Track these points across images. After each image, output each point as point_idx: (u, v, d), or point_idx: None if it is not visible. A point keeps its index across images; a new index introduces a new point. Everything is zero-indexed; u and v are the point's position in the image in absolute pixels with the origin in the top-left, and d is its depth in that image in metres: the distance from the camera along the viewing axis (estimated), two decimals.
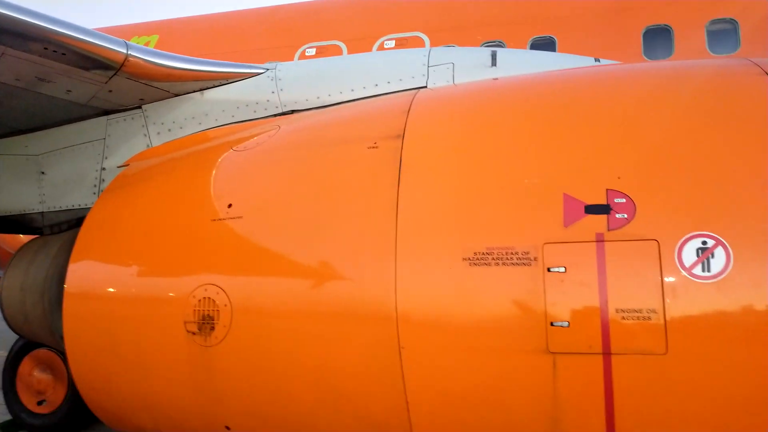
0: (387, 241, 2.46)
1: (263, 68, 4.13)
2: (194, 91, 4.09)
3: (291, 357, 2.61)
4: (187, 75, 4.01)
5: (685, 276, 2.08)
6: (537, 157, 2.45)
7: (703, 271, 2.07)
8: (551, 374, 2.17)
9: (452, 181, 2.50)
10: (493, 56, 3.69)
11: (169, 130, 4.06)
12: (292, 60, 8.95)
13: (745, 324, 2.02)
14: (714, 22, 8.77)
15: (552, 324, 2.17)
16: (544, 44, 9.07)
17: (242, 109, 4.06)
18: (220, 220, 2.90)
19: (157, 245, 3.01)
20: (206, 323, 2.73)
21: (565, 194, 2.28)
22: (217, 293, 2.73)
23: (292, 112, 4.00)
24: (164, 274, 2.96)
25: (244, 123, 3.93)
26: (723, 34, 8.65)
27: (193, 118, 4.10)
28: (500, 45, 8.46)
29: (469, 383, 2.29)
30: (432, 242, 2.40)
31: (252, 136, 3.43)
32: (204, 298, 2.75)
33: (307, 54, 9.07)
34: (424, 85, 3.71)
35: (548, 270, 2.20)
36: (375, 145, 2.74)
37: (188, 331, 2.76)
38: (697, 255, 2.08)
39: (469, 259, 2.31)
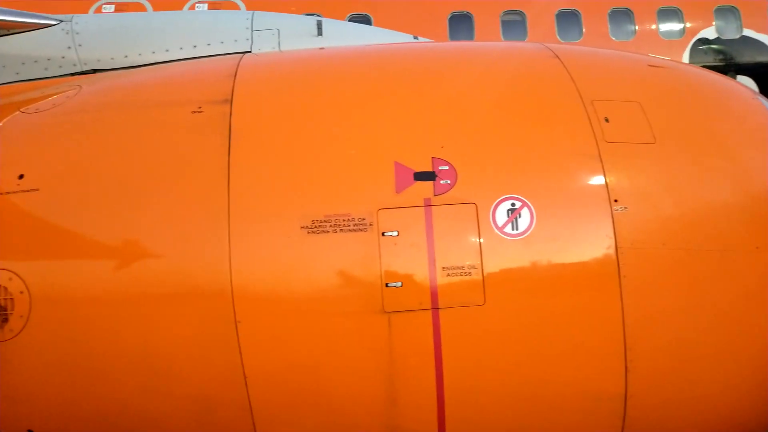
0: (219, 212, 2.33)
1: (56, 19, 3.57)
2: None
3: (108, 344, 2.35)
4: None
5: (498, 234, 2.33)
6: (369, 126, 2.52)
7: (513, 229, 2.34)
8: (387, 333, 2.29)
9: (287, 149, 2.46)
10: (319, 26, 3.68)
11: None
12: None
13: (547, 274, 2.35)
14: (507, 12, 9.85)
15: (387, 285, 2.28)
16: (360, 20, 9.30)
17: (30, 66, 3.48)
18: (8, 193, 2.47)
19: None
20: None
21: (396, 162, 2.39)
22: (10, 279, 2.35)
23: (95, 71, 3.55)
24: None
25: (34, 81, 3.37)
26: (515, 24, 9.78)
27: None
28: (318, 17, 8.46)
29: (310, 351, 2.31)
30: (269, 212, 2.35)
31: (45, 96, 2.96)
32: None
33: (104, 11, 8.07)
34: (248, 50, 3.55)
35: (383, 234, 2.30)
36: (200, 110, 2.56)
37: None
38: (508, 215, 2.35)
39: (308, 227, 2.30)
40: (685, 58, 9.66)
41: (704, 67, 9.61)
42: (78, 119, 2.73)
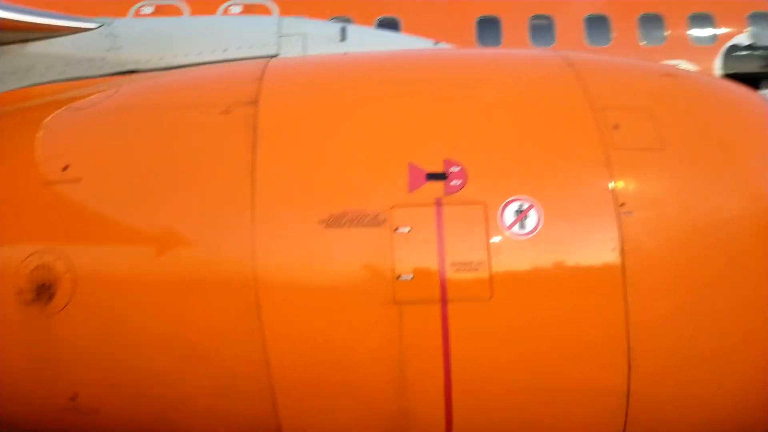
0: (244, 205, 2.50)
1: (97, 23, 3.82)
2: (13, 43, 3.65)
3: (142, 323, 2.55)
4: (3, 23, 3.56)
5: (505, 233, 2.44)
6: (385, 129, 2.66)
7: (520, 229, 2.45)
8: (398, 322, 2.42)
9: (308, 148, 2.61)
10: (343, 31, 3.84)
11: None
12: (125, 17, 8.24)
13: (552, 272, 2.45)
14: (535, 17, 9.89)
15: (399, 277, 2.41)
16: (389, 23, 9.47)
17: (73, 66, 3.73)
18: (55, 182, 2.69)
19: None
20: (44, 291, 2.55)
21: (410, 163, 2.52)
22: (56, 260, 2.56)
23: (132, 72, 3.77)
24: None
25: (76, 81, 3.62)
26: (543, 28, 9.81)
27: (13, 72, 3.67)
28: (348, 21, 8.66)
29: (326, 336, 2.46)
30: (290, 206, 2.50)
31: (88, 95, 3.19)
32: (39, 265, 2.56)
33: (142, 12, 8.41)
34: (276, 54, 3.74)
35: (395, 230, 2.43)
36: (228, 111, 2.74)
37: (22, 301, 2.56)
38: (515, 215, 2.46)
39: (325, 221, 2.45)
40: (717, 64, 9.56)
41: (736, 74, 9.50)
42: (116, 117, 2.94)
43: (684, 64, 9.33)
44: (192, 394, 2.57)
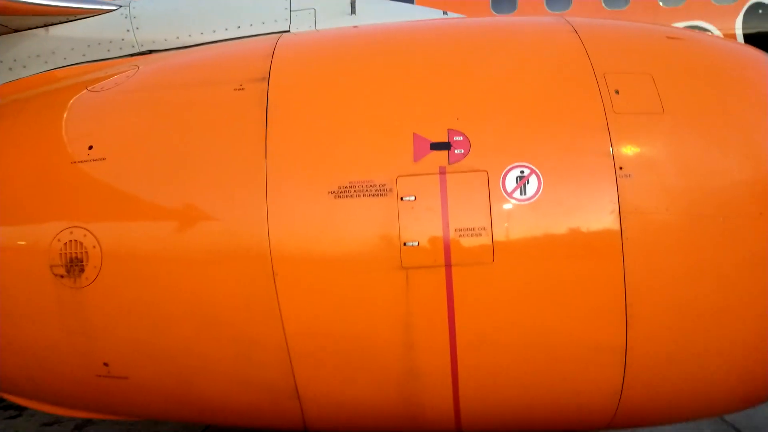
0: (258, 179, 2.64)
1: (115, 5, 3.96)
2: (37, 27, 3.81)
3: (166, 293, 2.73)
4: (27, 8, 3.72)
5: (507, 199, 2.55)
6: (391, 100, 2.76)
7: (521, 194, 2.55)
8: (404, 286, 2.56)
9: (316, 121, 2.73)
10: (353, 4, 3.91)
11: (10, 69, 3.77)
12: None
13: (552, 235, 2.55)
14: None
15: (405, 244, 2.54)
16: None
17: (94, 48, 3.89)
18: (81, 162, 2.86)
19: (13, 191, 2.89)
20: (74, 265, 2.74)
21: (414, 133, 2.62)
22: (85, 235, 2.75)
23: (150, 52, 3.91)
24: (24, 220, 2.87)
25: (98, 62, 3.78)
26: None
27: (38, 56, 3.85)
28: None
29: (337, 300, 2.62)
30: (301, 178, 2.64)
31: (109, 76, 3.34)
32: (70, 241, 2.75)
33: None
34: (287, 29, 3.84)
35: (401, 199, 2.56)
36: (241, 87, 2.86)
37: (56, 275, 2.76)
38: (517, 182, 2.55)
39: (334, 192, 2.58)
40: (738, 23, 9.28)
41: (759, 33, 9.23)
42: (137, 97, 3.09)
43: (704, 25, 9.10)
44: (213, 360, 2.76)
